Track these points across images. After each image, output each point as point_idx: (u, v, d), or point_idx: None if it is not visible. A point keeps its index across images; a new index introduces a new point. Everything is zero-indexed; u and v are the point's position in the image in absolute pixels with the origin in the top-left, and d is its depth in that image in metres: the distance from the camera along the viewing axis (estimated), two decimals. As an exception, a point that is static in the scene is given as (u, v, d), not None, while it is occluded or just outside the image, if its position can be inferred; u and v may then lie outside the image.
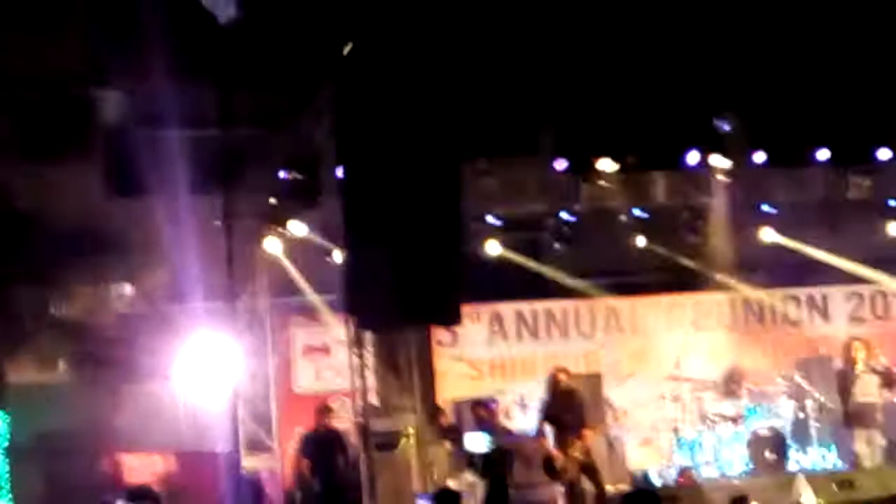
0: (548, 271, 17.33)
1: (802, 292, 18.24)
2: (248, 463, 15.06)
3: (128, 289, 17.27)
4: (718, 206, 17.28)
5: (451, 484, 13.56)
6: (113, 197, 15.40)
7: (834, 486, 13.76)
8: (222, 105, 14.89)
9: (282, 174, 15.54)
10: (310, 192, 15.57)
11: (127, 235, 15.84)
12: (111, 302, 17.32)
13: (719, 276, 17.68)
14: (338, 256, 15.03)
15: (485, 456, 12.50)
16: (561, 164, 16.53)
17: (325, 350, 16.81)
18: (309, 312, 16.85)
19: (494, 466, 11.11)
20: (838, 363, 16.11)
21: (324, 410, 15.23)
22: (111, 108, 16.64)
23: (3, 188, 16.28)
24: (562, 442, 13.90)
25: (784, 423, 15.83)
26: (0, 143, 15.98)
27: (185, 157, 15.18)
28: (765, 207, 17.46)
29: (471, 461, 13.70)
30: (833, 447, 15.78)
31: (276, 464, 16.05)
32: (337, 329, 15.82)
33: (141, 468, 15.11)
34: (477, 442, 14.40)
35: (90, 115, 16.46)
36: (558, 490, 14.10)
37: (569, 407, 14.17)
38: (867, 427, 15.08)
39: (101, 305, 17.26)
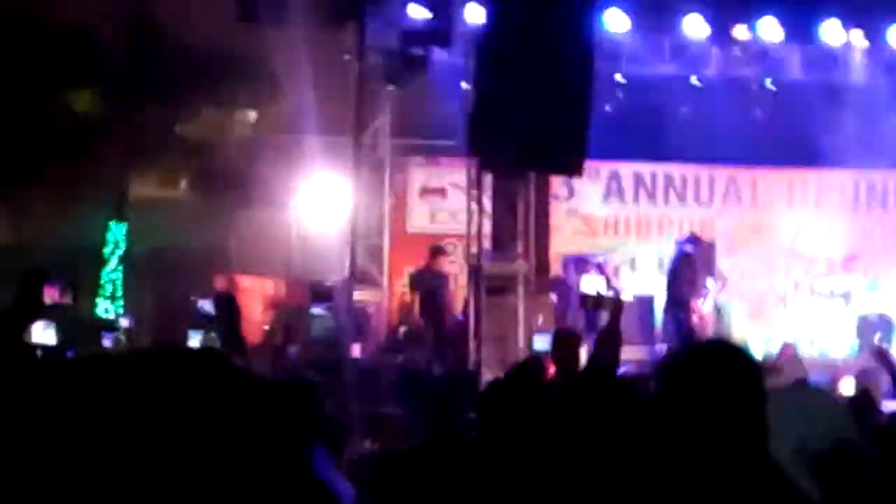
0: (671, 135, 17.11)
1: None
2: (357, 296, 15.29)
3: (252, 115, 17.48)
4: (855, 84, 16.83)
5: (539, 340, 13.66)
6: (246, 22, 15.44)
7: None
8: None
9: (412, 12, 15.44)
10: (440, 35, 15.48)
11: (257, 62, 15.95)
12: (236, 126, 17.57)
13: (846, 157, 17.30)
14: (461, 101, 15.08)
15: (596, 297, 12.50)
16: (696, 29, 16.16)
17: (441, 192, 16.92)
18: (428, 154, 16.92)
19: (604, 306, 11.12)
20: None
21: (437, 251, 15.36)
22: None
23: (142, 8, 16.49)
24: None
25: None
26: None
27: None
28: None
29: (583, 302, 13.73)
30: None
31: (384, 299, 16.31)
32: (455, 173, 15.91)
33: (252, 290, 15.43)
34: (593, 284, 14.52)
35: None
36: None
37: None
38: None
39: (226, 129, 17.52)
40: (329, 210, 16.10)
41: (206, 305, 12.49)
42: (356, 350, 13.89)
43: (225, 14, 15.97)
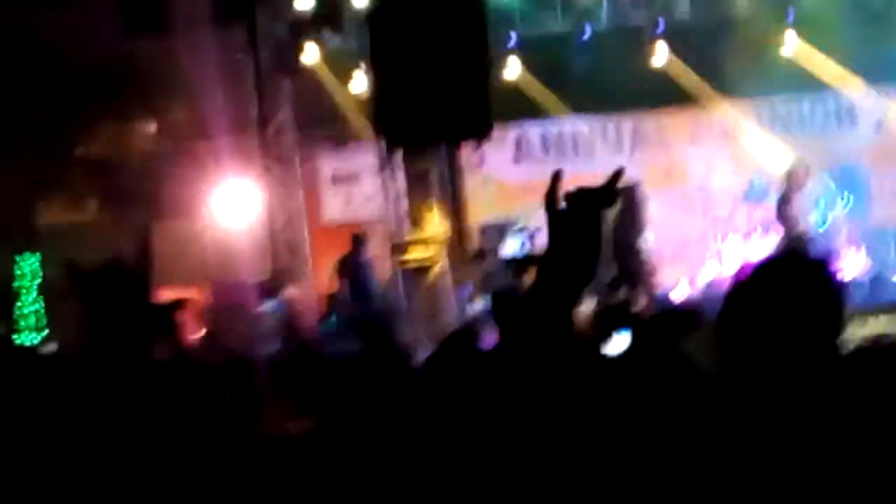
0: (571, 91, 17.18)
1: (830, 97, 18.03)
2: (284, 292, 15.19)
3: (152, 126, 17.28)
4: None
5: (476, 306, 13.70)
6: (134, 32, 15.25)
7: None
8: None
9: (299, 2, 15.34)
10: (330, 21, 15.42)
11: (149, 72, 15.77)
12: (136, 140, 17.35)
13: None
14: (360, 83, 15.04)
15: (521, 259, 12.58)
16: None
17: (353, 178, 16.85)
18: (336, 142, 16.83)
19: (532, 266, 11.16)
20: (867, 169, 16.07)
21: (360, 238, 15.27)
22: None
23: (23, 28, 16.18)
24: None
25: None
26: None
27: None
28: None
29: (509, 266, 13.79)
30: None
31: (311, 292, 16.22)
32: (364, 157, 15.85)
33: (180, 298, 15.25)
34: (514, 250, 14.56)
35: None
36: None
37: None
38: None
39: (127, 143, 17.30)
40: (243, 210, 15.98)
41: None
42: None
43: (112, 27, 15.79)
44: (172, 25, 15.18)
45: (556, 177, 2.60)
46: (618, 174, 2.61)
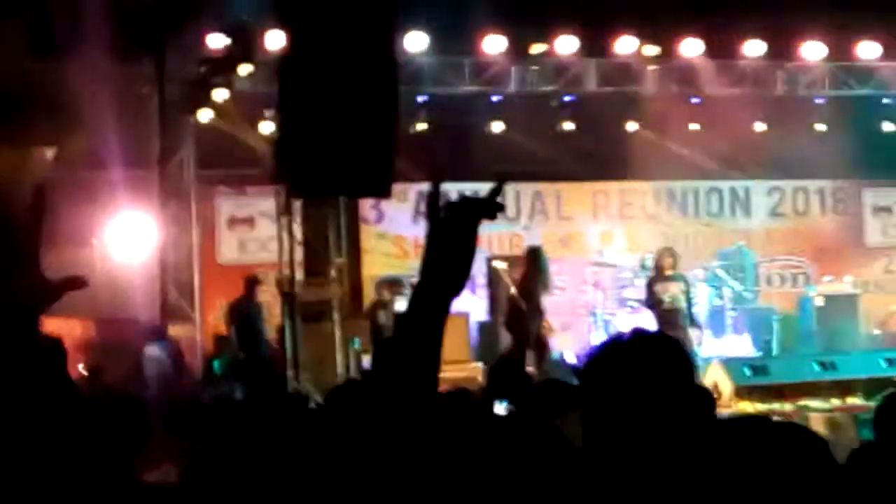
0: (475, 153, 17.30)
1: (725, 185, 18.45)
2: (170, 331, 15.02)
3: (51, 152, 17.01)
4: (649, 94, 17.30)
5: (367, 361, 13.67)
6: (39, 55, 15.03)
7: (747, 371, 14.04)
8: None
9: (211, 41, 15.28)
10: (241, 62, 15.36)
11: (51, 98, 15.53)
12: (32, 165, 17.05)
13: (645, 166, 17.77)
14: (265, 128, 14.99)
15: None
16: (494, 47, 16.35)
17: (249, 222, 16.77)
18: (234, 184, 16.75)
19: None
20: (756, 256, 16.39)
21: (253, 281, 15.19)
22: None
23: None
24: None
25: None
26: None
27: (114, 18, 14.87)
28: (694, 100, 17.47)
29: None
30: (747, 334, 16.15)
31: (197, 333, 16.05)
32: (262, 202, 15.79)
33: (60, 333, 14.98)
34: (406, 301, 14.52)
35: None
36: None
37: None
38: None
39: (22, 169, 16.99)
40: (135, 245, 15.79)
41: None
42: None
43: (17, 46, 15.54)
44: (80, 52, 14.99)
45: (437, 186, 2.63)
46: (500, 186, 2.63)
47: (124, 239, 15.86)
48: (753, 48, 16.61)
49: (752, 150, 17.72)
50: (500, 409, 5.08)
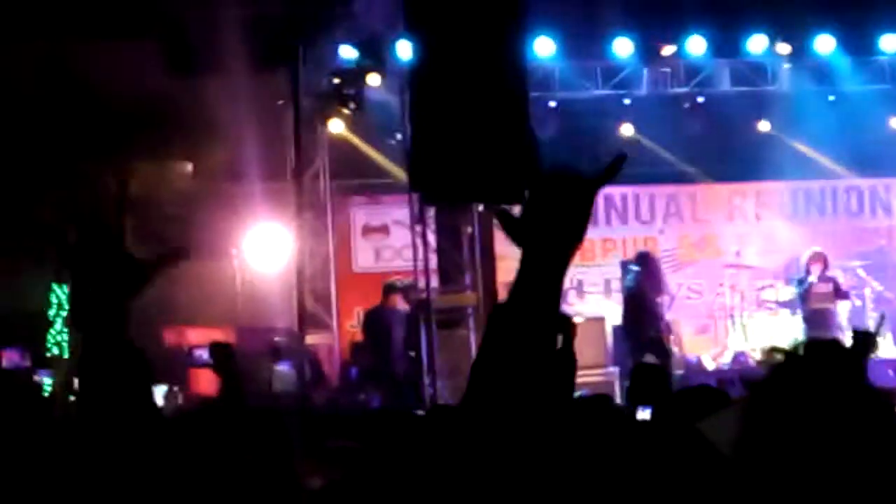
0: (608, 157, 17.16)
1: (865, 183, 18.05)
2: (308, 340, 15.21)
3: (188, 167, 17.38)
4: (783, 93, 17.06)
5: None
6: (177, 71, 15.38)
7: (890, 372, 13.76)
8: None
9: (343, 52, 15.48)
10: (373, 73, 15.53)
11: (189, 113, 15.87)
12: (172, 179, 17.45)
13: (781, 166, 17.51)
14: (397, 138, 15.12)
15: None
16: (624, 50, 16.28)
17: (384, 230, 16.91)
18: (368, 193, 16.92)
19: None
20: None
21: (390, 289, 15.23)
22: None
23: (67, 65, 16.32)
24: None
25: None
26: (62, 19, 15.99)
27: (247, 33, 15.14)
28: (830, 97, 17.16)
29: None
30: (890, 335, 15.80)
31: (334, 341, 16.24)
32: (396, 210, 15.92)
33: (201, 341, 15.29)
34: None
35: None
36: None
37: None
38: None
39: (162, 183, 17.38)
40: (273, 256, 16.05)
41: (204, 355, 12.50)
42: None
43: (154, 64, 15.92)
44: (214, 67, 15.29)
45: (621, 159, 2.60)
46: (622, 158, 2.61)
47: (262, 249, 16.13)
48: (890, 42, 16.30)
49: (892, 148, 17.32)
50: (644, 414, 5.04)
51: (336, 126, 16.07)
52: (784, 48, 16.39)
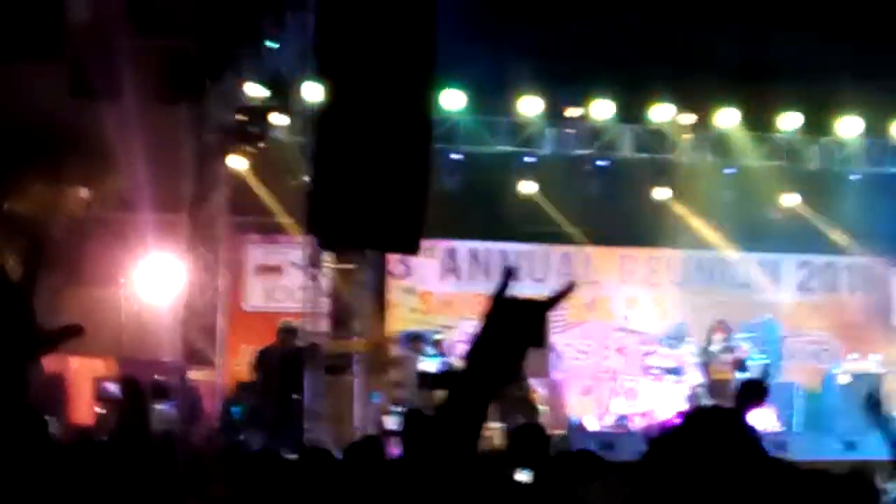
0: (506, 213, 17.31)
1: (755, 257, 18.37)
2: (190, 375, 15.02)
3: (85, 192, 17.11)
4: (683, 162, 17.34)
5: (387, 421, 13.60)
6: (79, 97, 15.17)
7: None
8: (197, 14, 14.76)
9: (249, 90, 15.41)
10: (278, 113, 15.47)
11: (88, 139, 15.65)
12: (66, 204, 17.16)
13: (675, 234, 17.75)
14: (298, 179, 15.04)
15: (436, 375, 12.53)
16: (530, 108, 16.45)
17: (278, 270, 16.79)
18: (264, 232, 16.79)
19: (446, 384, 11.09)
20: (783, 329, 16.32)
21: (288, 330, 14.98)
22: (81, 7, 16.40)
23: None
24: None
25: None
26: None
27: (156, 64, 15.02)
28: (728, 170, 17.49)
29: (423, 380, 13.71)
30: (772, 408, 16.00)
31: (218, 378, 16.03)
32: (291, 251, 15.83)
33: (82, 370, 15.02)
34: (430, 364, 14.50)
35: (59, 14, 16.23)
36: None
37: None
38: None
39: (56, 206, 17.10)
40: (162, 288, 15.83)
41: (112, 388, 12.32)
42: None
43: (57, 89, 15.69)
44: (119, 95, 15.12)
45: (508, 276, 2.66)
46: (570, 286, 2.66)
47: (152, 280, 15.90)
48: (790, 121, 16.70)
49: (784, 223, 17.68)
50: (522, 476, 5.03)
51: (236, 163, 15.95)
52: (688, 118, 16.69)
